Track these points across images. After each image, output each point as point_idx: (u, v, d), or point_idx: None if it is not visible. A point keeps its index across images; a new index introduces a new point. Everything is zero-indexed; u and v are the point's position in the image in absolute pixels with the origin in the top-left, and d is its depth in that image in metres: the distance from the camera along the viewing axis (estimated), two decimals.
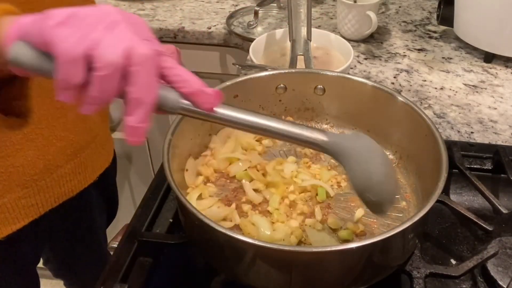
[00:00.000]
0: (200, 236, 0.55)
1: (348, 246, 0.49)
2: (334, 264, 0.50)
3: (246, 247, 0.49)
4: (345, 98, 0.71)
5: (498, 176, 0.72)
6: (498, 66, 1.04)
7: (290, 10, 0.82)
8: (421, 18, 1.23)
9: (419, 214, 0.50)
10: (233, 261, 0.52)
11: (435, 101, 0.93)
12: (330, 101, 0.72)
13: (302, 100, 0.73)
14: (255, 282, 0.53)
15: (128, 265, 0.58)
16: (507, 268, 0.57)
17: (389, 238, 0.48)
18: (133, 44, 0.41)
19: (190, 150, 0.67)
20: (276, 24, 1.22)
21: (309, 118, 0.75)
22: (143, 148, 1.48)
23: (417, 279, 0.55)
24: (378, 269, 0.54)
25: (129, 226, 0.63)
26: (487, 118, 0.89)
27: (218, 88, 0.66)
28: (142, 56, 0.41)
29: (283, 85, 0.71)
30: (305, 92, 0.72)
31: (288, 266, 0.50)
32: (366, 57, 1.07)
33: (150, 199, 0.65)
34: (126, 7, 1.29)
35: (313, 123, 0.74)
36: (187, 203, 0.51)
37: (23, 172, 0.71)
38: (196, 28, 1.20)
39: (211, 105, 0.45)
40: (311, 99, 0.73)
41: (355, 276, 0.52)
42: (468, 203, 0.70)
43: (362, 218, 0.61)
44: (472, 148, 0.76)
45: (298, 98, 0.73)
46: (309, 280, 0.51)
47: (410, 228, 0.49)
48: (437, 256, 0.63)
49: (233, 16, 1.23)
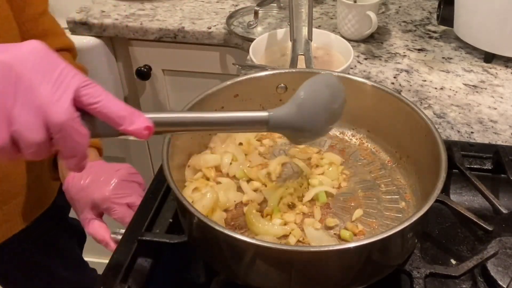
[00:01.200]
0: (200, 236, 0.55)
1: (347, 245, 0.49)
2: (333, 263, 0.50)
3: (246, 247, 0.49)
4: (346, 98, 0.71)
5: (498, 176, 0.72)
6: (498, 66, 1.04)
7: (291, 10, 0.82)
8: (421, 18, 1.23)
9: (418, 214, 0.50)
10: (232, 261, 0.52)
11: (435, 101, 0.93)
12: None
13: None
14: (255, 282, 0.53)
15: (128, 265, 0.58)
16: (507, 268, 0.57)
17: (387, 237, 0.48)
18: (47, 113, 0.41)
19: (190, 149, 0.67)
20: (276, 24, 1.22)
21: None
22: (143, 148, 1.48)
23: (417, 279, 0.55)
24: (377, 268, 0.54)
25: (129, 226, 0.63)
26: (487, 118, 0.89)
27: (216, 89, 0.67)
28: (57, 126, 0.42)
29: (284, 85, 0.71)
30: None
31: (287, 265, 0.50)
32: (366, 57, 1.07)
33: (150, 199, 0.65)
34: (126, 7, 1.29)
35: None
36: (186, 203, 0.51)
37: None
38: (196, 28, 1.20)
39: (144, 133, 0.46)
40: None
41: (354, 275, 0.52)
42: (468, 203, 0.70)
43: (361, 218, 0.61)
44: (472, 148, 0.76)
45: None
46: (309, 280, 0.51)
47: (409, 228, 0.50)
48: (437, 256, 0.63)
49: (233, 16, 1.23)
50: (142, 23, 1.22)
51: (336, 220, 0.61)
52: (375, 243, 0.48)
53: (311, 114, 0.55)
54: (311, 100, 0.55)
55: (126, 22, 1.22)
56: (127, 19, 1.23)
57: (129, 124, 0.45)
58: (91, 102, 0.44)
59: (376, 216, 0.62)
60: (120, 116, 0.45)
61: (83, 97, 0.43)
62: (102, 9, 1.28)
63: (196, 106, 0.64)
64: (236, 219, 0.61)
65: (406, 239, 0.53)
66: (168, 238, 0.59)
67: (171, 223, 0.63)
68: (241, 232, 0.59)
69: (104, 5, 1.30)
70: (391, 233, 0.48)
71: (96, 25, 1.23)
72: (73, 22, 1.24)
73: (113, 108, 0.45)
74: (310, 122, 0.56)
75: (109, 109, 0.44)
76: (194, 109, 0.64)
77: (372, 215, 0.62)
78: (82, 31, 1.24)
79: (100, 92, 0.44)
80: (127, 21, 1.23)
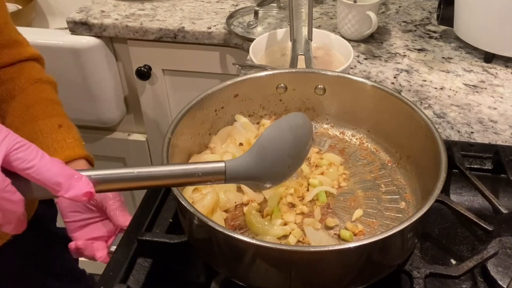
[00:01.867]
0: (200, 236, 0.55)
1: (346, 245, 0.49)
2: (333, 263, 0.50)
3: (246, 247, 0.49)
4: (345, 98, 0.71)
5: (498, 176, 0.72)
6: (498, 66, 1.04)
7: (291, 10, 0.82)
8: (421, 18, 1.23)
9: (418, 214, 0.50)
10: (232, 261, 0.52)
11: (435, 101, 0.93)
12: (331, 101, 0.72)
13: (303, 100, 0.73)
14: (255, 282, 0.53)
15: (128, 265, 0.58)
16: (507, 268, 0.57)
17: (387, 238, 0.48)
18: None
19: (190, 149, 0.67)
20: (276, 24, 1.22)
21: (309, 118, 0.74)
22: (143, 148, 1.48)
23: (417, 279, 0.55)
24: (377, 268, 0.54)
25: (129, 226, 0.63)
26: (487, 118, 0.89)
27: (216, 89, 0.67)
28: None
29: (284, 85, 0.71)
30: (306, 92, 0.72)
31: (287, 265, 0.50)
32: (366, 57, 1.07)
33: (150, 199, 0.65)
34: (126, 7, 1.29)
35: (314, 123, 0.74)
36: (186, 203, 0.51)
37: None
38: (196, 28, 1.20)
39: (83, 199, 0.44)
40: (311, 99, 0.73)
41: (354, 275, 0.52)
42: (468, 203, 0.70)
43: (361, 218, 0.61)
44: (472, 148, 0.76)
45: (299, 98, 0.73)
46: (309, 280, 0.51)
47: (409, 228, 0.50)
48: (437, 256, 0.63)
49: (233, 16, 1.23)
50: (142, 23, 1.22)
51: (336, 220, 0.61)
52: (375, 243, 0.48)
53: (272, 163, 0.52)
54: (271, 147, 0.52)
55: (126, 22, 1.22)
56: (127, 19, 1.23)
57: (65, 191, 0.42)
58: (23, 168, 0.41)
59: (376, 216, 0.62)
60: (55, 182, 0.42)
61: (14, 163, 0.41)
62: (102, 9, 1.28)
63: (196, 106, 0.64)
64: (236, 219, 0.61)
65: (406, 239, 0.53)
66: (168, 238, 0.59)
67: (171, 223, 0.63)
68: (241, 232, 0.59)
69: (104, 5, 1.30)
70: (391, 233, 0.48)
71: (96, 25, 1.23)
72: (73, 22, 1.24)
73: (47, 174, 0.42)
74: (271, 170, 0.53)
75: (42, 175, 0.42)
76: (194, 109, 0.63)
77: (372, 215, 0.62)
78: (82, 31, 1.24)
79: (33, 155, 0.42)
80: (127, 21, 1.23)
